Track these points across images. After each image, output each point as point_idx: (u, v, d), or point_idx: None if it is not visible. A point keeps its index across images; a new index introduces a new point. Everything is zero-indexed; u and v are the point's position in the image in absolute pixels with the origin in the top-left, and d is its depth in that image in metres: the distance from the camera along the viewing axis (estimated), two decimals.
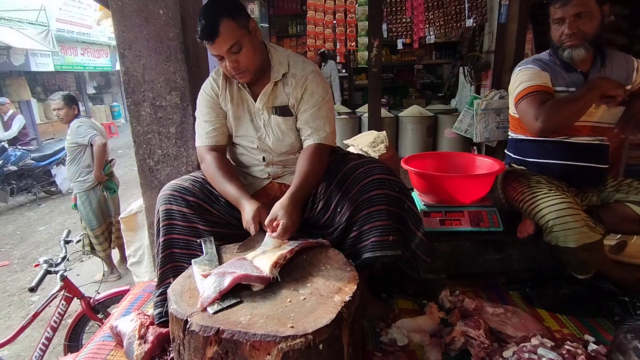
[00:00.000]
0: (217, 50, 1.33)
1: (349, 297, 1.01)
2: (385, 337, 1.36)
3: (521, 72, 1.67)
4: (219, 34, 1.28)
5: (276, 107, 1.47)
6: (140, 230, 2.60)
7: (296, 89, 1.44)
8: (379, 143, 2.35)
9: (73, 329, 2.40)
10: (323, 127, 1.45)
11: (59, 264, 2.22)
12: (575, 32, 1.53)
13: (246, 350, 0.89)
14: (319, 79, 1.46)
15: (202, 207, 1.39)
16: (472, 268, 1.78)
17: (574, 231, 1.45)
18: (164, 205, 1.37)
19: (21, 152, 6.12)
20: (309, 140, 1.44)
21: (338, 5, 4.04)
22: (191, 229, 1.37)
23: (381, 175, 1.33)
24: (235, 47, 1.31)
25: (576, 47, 1.54)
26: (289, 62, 1.46)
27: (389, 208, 1.32)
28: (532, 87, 1.59)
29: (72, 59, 10.62)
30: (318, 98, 1.44)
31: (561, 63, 1.64)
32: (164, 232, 1.37)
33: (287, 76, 1.45)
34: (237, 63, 1.34)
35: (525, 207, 1.63)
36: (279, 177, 1.54)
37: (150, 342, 1.27)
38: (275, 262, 1.11)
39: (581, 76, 1.62)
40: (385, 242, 1.29)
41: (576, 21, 1.52)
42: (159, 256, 1.39)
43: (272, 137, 1.47)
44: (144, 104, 1.75)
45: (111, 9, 1.66)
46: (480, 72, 4.16)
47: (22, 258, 4.26)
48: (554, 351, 1.17)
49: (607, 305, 1.49)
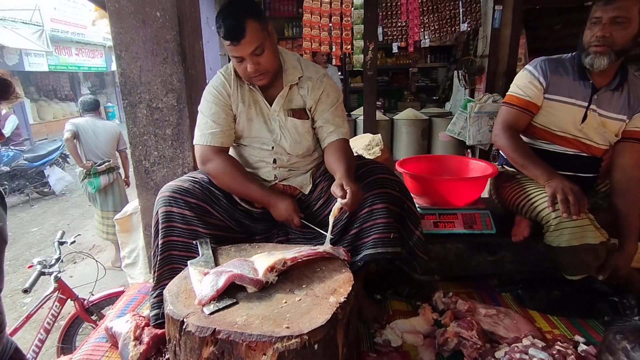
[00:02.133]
0: (240, 52, 1.30)
1: (344, 298, 1.02)
2: (379, 338, 1.38)
3: (524, 72, 1.68)
4: (245, 35, 1.26)
5: (292, 109, 1.48)
6: (135, 231, 2.59)
7: (314, 91, 1.47)
8: (374, 146, 2.37)
9: (66, 330, 2.38)
10: (343, 124, 1.51)
11: (53, 265, 2.21)
12: (606, 37, 1.45)
13: (242, 350, 0.90)
14: (332, 81, 1.52)
15: (204, 209, 1.40)
16: (466, 270, 1.80)
17: (580, 229, 1.41)
18: (164, 207, 1.36)
19: (14, 152, 6.08)
20: (333, 136, 1.48)
21: (334, 9, 4.06)
22: (191, 231, 1.37)
23: (383, 175, 1.38)
24: (259, 49, 1.31)
25: (601, 54, 1.47)
26: (301, 66, 1.49)
27: (390, 207, 1.35)
28: (517, 98, 1.66)
29: (66, 59, 10.55)
30: (334, 99, 1.50)
31: (578, 69, 1.59)
32: (163, 234, 1.37)
33: (302, 79, 1.47)
34: (258, 65, 1.34)
35: (522, 206, 1.62)
36: (284, 180, 1.54)
37: (145, 343, 1.27)
38: (272, 266, 1.10)
39: (590, 90, 1.57)
40: (386, 239, 1.33)
41: (611, 25, 1.45)
42: (156, 258, 1.39)
43: (290, 139, 1.48)
44: (140, 105, 1.75)
45: (108, 11, 1.66)
46: (474, 75, 4.20)
47: (15, 259, 4.23)
48: (544, 351, 1.19)
49: (597, 306, 1.51)
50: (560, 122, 1.63)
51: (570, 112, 1.60)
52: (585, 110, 1.59)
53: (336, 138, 1.47)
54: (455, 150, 4.31)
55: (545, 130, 1.68)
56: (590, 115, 1.59)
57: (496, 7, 3.72)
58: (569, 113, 1.61)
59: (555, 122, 1.64)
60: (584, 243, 1.42)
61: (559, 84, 1.61)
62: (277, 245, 1.37)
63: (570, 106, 1.60)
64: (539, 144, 1.72)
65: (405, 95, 6.59)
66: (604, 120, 1.59)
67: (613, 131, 1.61)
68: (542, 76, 1.62)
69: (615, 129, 1.61)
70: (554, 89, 1.62)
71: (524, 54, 3.97)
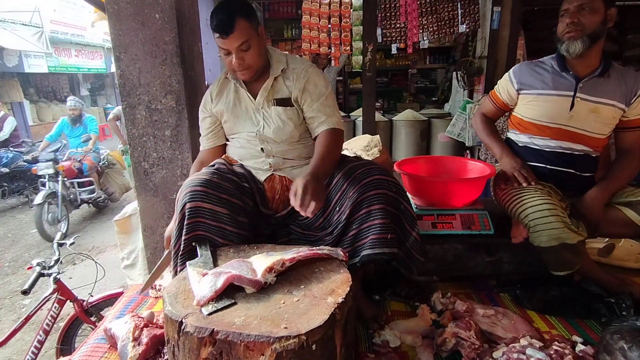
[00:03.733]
0: (227, 45, 1.40)
1: (342, 299, 1.03)
2: (377, 338, 1.38)
3: (506, 75, 1.85)
4: (234, 30, 1.37)
5: (276, 99, 1.54)
6: (135, 233, 2.59)
7: (298, 80, 1.52)
8: (373, 147, 2.38)
9: (66, 332, 2.38)
10: (333, 114, 1.54)
11: (52, 267, 2.21)
12: (574, 22, 1.56)
13: (240, 350, 0.90)
14: (319, 72, 1.57)
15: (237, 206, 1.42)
16: (464, 270, 1.80)
17: (556, 231, 1.48)
18: (193, 203, 1.34)
19: (13, 153, 6.07)
20: (323, 125, 1.52)
21: (333, 10, 4.07)
22: (219, 229, 1.37)
23: (380, 176, 1.39)
24: (244, 45, 1.41)
25: (574, 39, 1.57)
26: (287, 60, 1.56)
27: (387, 207, 1.37)
28: (495, 95, 1.89)
29: (66, 61, 10.55)
30: (322, 89, 1.54)
31: (558, 64, 1.68)
32: (189, 229, 1.35)
33: (286, 71, 1.54)
34: (242, 60, 1.43)
35: (511, 208, 1.65)
36: (280, 169, 1.57)
37: (144, 344, 1.27)
38: (270, 267, 1.11)
39: (573, 80, 1.64)
40: (384, 239, 1.34)
41: (578, 12, 1.56)
42: (177, 255, 1.38)
43: (273, 126, 1.53)
44: (139, 107, 1.76)
45: (107, 13, 1.67)
46: (473, 77, 4.21)
47: (14, 261, 4.22)
48: (542, 352, 1.20)
49: (595, 306, 1.52)
50: (550, 114, 1.69)
51: (557, 103, 1.67)
52: (572, 99, 1.64)
53: (326, 128, 1.51)
54: (454, 151, 4.31)
55: (537, 124, 1.72)
56: (577, 103, 1.64)
57: (495, 8, 3.73)
58: (556, 104, 1.67)
59: (545, 113, 1.70)
60: (562, 243, 1.48)
61: (538, 80, 1.72)
62: (275, 246, 1.38)
63: (556, 97, 1.67)
64: (536, 141, 1.74)
65: (404, 97, 6.61)
66: (596, 106, 1.63)
67: (607, 117, 1.65)
68: (516, 79, 1.77)
69: (609, 115, 1.64)
70: (534, 85, 1.72)
71: (522, 55, 3.98)
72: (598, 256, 1.89)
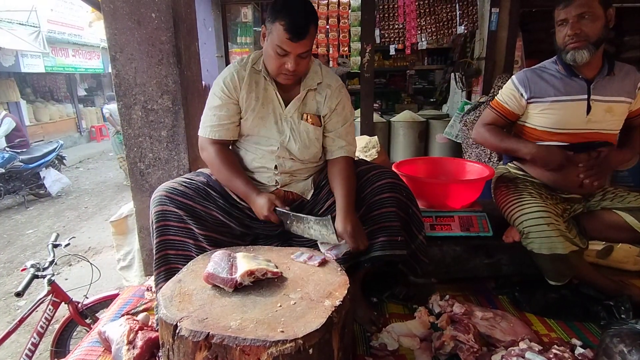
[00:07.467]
0: (293, 49, 1.31)
1: (339, 302, 1.02)
2: (375, 341, 1.37)
3: (509, 82, 1.74)
4: (306, 35, 1.30)
5: (306, 113, 1.48)
6: (131, 234, 2.57)
7: (331, 99, 1.48)
8: (371, 148, 2.37)
9: (60, 334, 2.35)
10: (353, 142, 1.55)
11: (46, 268, 2.18)
12: (577, 33, 1.50)
13: (236, 355, 0.89)
14: (348, 95, 1.55)
15: (196, 210, 1.40)
16: (462, 273, 1.79)
17: (548, 240, 1.47)
18: (158, 206, 1.37)
19: (9, 154, 6.03)
20: (342, 151, 1.50)
21: (331, 11, 4.06)
22: (186, 230, 1.38)
23: (392, 180, 1.43)
24: (307, 52, 1.35)
25: (579, 49, 1.52)
26: (321, 72, 1.50)
27: (398, 211, 1.42)
28: (498, 103, 1.75)
29: (63, 61, 10.50)
30: (348, 113, 1.53)
31: (565, 69, 1.62)
32: (159, 233, 1.37)
33: (321, 85, 1.48)
34: (298, 66, 1.36)
35: (507, 212, 1.65)
36: (286, 185, 1.52)
37: (139, 348, 1.26)
38: (252, 271, 1.09)
39: (584, 83, 1.60)
40: (394, 241, 1.40)
41: (579, 22, 1.50)
42: (154, 258, 1.40)
43: (300, 143, 1.46)
44: (135, 107, 1.74)
45: (103, 12, 1.66)
46: (471, 78, 4.21)
47: (9, 262, 4.19)
48: (541, 355, 1.19)
49: (594, 309, 1.51)
50: (566, 120, 1.63)
51: (572, 108, 1.62)
52: (587, 102, 1.60)
53: (345, 154, 1.49)
54: (452, 153, 4.30)
55: (552, 131, 1.67)
56: (594, 105, 1.60)
57: (493, 9, 3.73)
58: (571, 109, 1.62)
59: (561, 120, 1.64)
60: (552, 253, 1.47)
61: (548, 88, 1.64)
62: (272, 248, 1.37)
63: (570, 102, 1.61)
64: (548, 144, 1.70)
65: (403, 98, 6.59)
66: (610, 105, 1.61)
67: (620, 113, 1.63)
68: (523, 87, 1.67)
69: (621, 111, 1.63)
70: (546, 93, 1.64)
71: (520, 56, 3.98)
72: (597, 258, 1.88)
